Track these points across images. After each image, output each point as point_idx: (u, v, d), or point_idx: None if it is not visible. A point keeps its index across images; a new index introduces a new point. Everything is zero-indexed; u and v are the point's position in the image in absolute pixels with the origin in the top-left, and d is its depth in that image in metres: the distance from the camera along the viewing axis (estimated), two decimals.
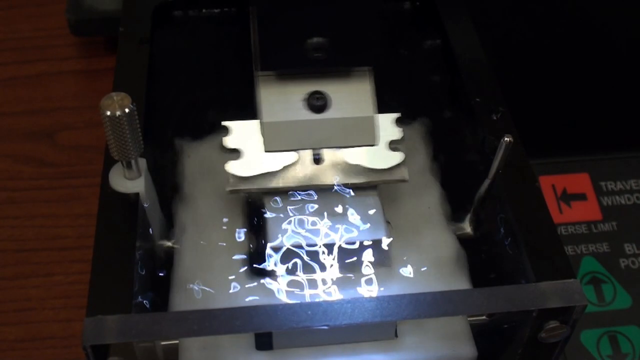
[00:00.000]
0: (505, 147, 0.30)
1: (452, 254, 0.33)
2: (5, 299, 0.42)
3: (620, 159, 0.45)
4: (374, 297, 0.27)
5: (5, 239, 0.45)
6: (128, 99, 0.27)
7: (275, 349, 0.30)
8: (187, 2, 0.39)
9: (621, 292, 0.40)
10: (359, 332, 0.30)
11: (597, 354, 0.38)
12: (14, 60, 0.54)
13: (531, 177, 0.31)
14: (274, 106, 0.31)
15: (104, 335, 0.25)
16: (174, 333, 0.26)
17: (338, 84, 0.31)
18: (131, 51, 0.35)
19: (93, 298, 0.26)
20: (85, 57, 0.54)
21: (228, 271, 0.31)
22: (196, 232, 0.32)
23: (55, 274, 0.43)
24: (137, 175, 0.29)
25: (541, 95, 0.46)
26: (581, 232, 0.42)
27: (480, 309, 0.27)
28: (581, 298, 0.27)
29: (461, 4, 0.38)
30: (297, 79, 0.31)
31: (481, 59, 0.36)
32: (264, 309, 0.26)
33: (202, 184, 0.34)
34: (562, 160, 0.45)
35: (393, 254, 0.32)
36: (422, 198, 0.34)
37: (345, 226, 0.31)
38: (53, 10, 0.56)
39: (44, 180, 0.47)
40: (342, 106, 0.31)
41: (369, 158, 0.32)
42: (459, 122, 0.36)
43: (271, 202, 0.31)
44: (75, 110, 0.51)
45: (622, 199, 0.44)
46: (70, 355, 0.40)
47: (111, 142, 0.28)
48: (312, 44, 0.29)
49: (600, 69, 0.46)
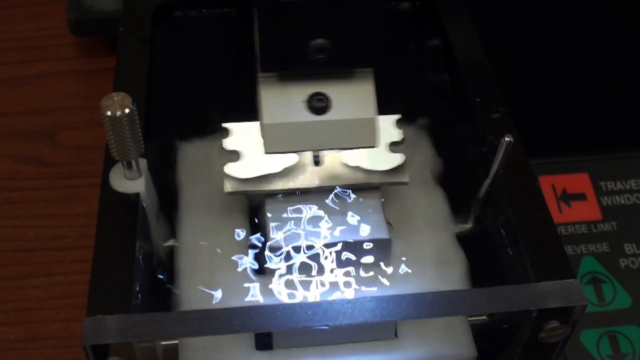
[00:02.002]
0: (505, 147, 0.30)
1: (452, 254, 0.33)
2: (5, 299, 0.42)
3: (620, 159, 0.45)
4: (374, 297, 0.27)
5: (5, 239, 0.45)
6: (128, 99, 0.27)
7: (275, 349, 0.30)
8: (187, 2, 0.39)
9: (621, 292, 0.40)
10: (359, 332, 0.31)
11: (597, 354, 0.38)
12: (14, 60, 0.54)
13: (531, 177, 0.31)
14: (275, 108, 0.31)
15: (103, 335, 0.25)
16: (174, 333, 0.26)
17: (339, 86, 0.31)
18: (131, 51, 0.35)
19: (93, 298, 0.26)
20: (85, 57, 0.54)
21: (228, 271, 0.31)
22: (196, 233, 0.32)
23: (55, 274, 0.43)
24: (137, 175, 0.29)
25: (541, 95, 0.45)
26: (581, 232, 0.42)
27: (480, 309, 0.27)
28: (581, 298, 0.27)
29: (461, 4, 0.38)
30: (298, 80, 0.31)
31: (481, 59, 0.36)
32: (264, 309, 0.26)
33: (203, 184, 0.34)
34: (562, 160, 0.45)
35: (393, 254, 0.32)
36: (422, 198, 0.34)
37: (345, 226, 0.31)
38: (53, 10, 0.56)
39: (44, 180, 0.47)
40: (343, 108, 0.31)
41: (370, 160, 0.32)
42: (459, 122, 0.36)
43: (271, 202, 0.31)
44: (75, 110, 0.51)
45: (622, 199, 0.44)
46: (70, 355, 0.40)
47: (111, 142, 0.28)
48: (313, 45, 0.29)
49: (600, 69, 0.46)
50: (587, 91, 0.46)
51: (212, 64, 0.38)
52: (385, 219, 0.31)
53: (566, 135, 0.45)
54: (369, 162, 0.32)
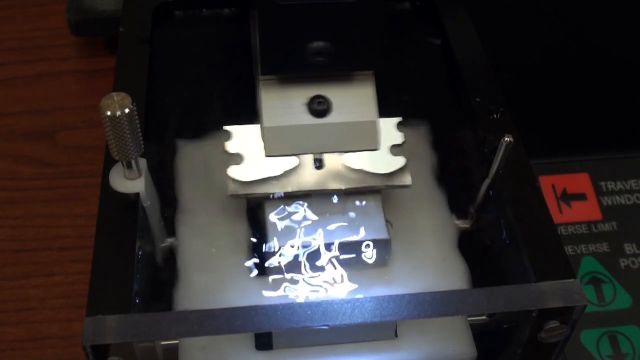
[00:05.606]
0: (505, 147, 0.30)
1: (452, 254, 0.33)
2: (5, 299, 0.42)
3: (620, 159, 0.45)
4: (373, 297, 0.27)
5: (5, 239, 0.45)
6: (128, 99, 0.27)
7: (275, 349, 0.30)
8: (187, 2, 0.39)
9: (621, 292, 0.40)
10: (359, 332, 0.31)
11: (597, 354, 0.38)
12: (14, 60, 0.54)
13: (531, 177, 0.31)
14: (275, 111, 0.31)
15: (103, 335, 0.25)
16: (174, 333, 0.26)
17: (339, 88, 0.31)
18: (131, 51, 0.35)
19: (93, 298, 0.26)
20: (85, 57, 0.54)
21: (228, 272, 0.31)
22: (196, 233, 0.32)
23: (55, 274, 0.43)
24: (137, 175, 0.29)
25: (541, 95, 0.46)
26: (581, 232, 0.42)
27: (480, 309, 0.27)
28: (581, 298, 0.27)
29: (461, 4, 0.38)
30: (299, 83, 0.31)
31: (481, 59, 0.36)
32: (264, 309, 0.26)
33: (203, 184, 0.34)
34: (562, 160, 0.45)
35: (393, 254, 0.32)
36: (422, 198, 0.34)
37: (345, 227, 0.31)
38: (53, 10, 0.56)
39: (44, 180, 0.47)
40: (344, 110, 0.31)
41: (371, 163, 0.31)
42: (459, 122, 0.36)
43: (271, 203, 0.31)
44: (75, 110, 0.51)
45: (622, 199, 0.44)
46: (70, 355, 0.40)
47: (111, 142, 0.28)
48: (313, 48, 0.29)
49: (600, 69, 0.46)
50: (587, 91, 0.46)
51: (211, 64, 0.38)
52: (385, 219, 0.31)
53: (566, 135, 0.45)
54: (371, 164, 0.31)
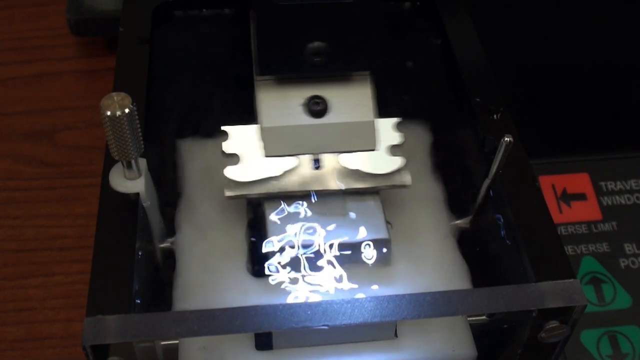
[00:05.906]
0: (505, 147, 0.30)
1: (452, 254, 0.33)
2: (5, 299, 0.42)
3: (620, 159, 0.45)
4: (373, 297, 0.27)
5: (5, 239, 0.45)
6: (128, 99, 0.27)
7: (275, 349, 0.30)
8: (187, 2, 0.39)
9: (621, 292, 0.40)
10: (359, 332, 0.31)
11: (597, 354, 0.38)
12: (14, 60, 0.54)
13: (531, 177, 0.31)
14: (274, 111, 0.31)
15: (103, 335, 0.25)
16: (174, 333, 0.26)
17: (338, 89, 0.31)
18: (131, 51, 0.35)
19: (93, 298, 0.26)
20: (85, 57, 0.54)
21: (228, 272, 0.31)
22: (196, 233, 0.32)
23: (55, 274, 0.43)
24: (137, 175, 0.29)
25: (541, 95, 0.45)
26: (581, 232, 0.42)
27: (480, 309, 0.27)
28: (581, 298, 0.27)
29: (461, 3, 0.38)
30: (297, 83, 0.31)
31: (481, 59, 0.36)
32: (263, 309, 0.26)
33: (203, 184, 0.34)
34: (562, 160, 0.45)
35: (393, 254, 0.32)
36: (422, 198, 0.34)
37: (345, 227, 0.31)
38: (53, 10, 0.56)
39: (44, 180, 0.47)
40: (342, 111, 0.31)
41: (369, 163, 0.31)
42: (459, 122, 0.36)
43: (271, 203, 0.31)
44: (75, 110, 0.51)
45: (622, 199, 0.44)
46: (70, 355, 0.40)
47: (111, 142, 0.28)
48: (311, 48, 0.29)
49: (600, 69, 0.46)
50: (587, 91, 0.46)
51: (211, 64, 0.38)
52: (385, 219, 0.31)
53: (566, 135, 0.45)
54: (369, 165, 0.31)
